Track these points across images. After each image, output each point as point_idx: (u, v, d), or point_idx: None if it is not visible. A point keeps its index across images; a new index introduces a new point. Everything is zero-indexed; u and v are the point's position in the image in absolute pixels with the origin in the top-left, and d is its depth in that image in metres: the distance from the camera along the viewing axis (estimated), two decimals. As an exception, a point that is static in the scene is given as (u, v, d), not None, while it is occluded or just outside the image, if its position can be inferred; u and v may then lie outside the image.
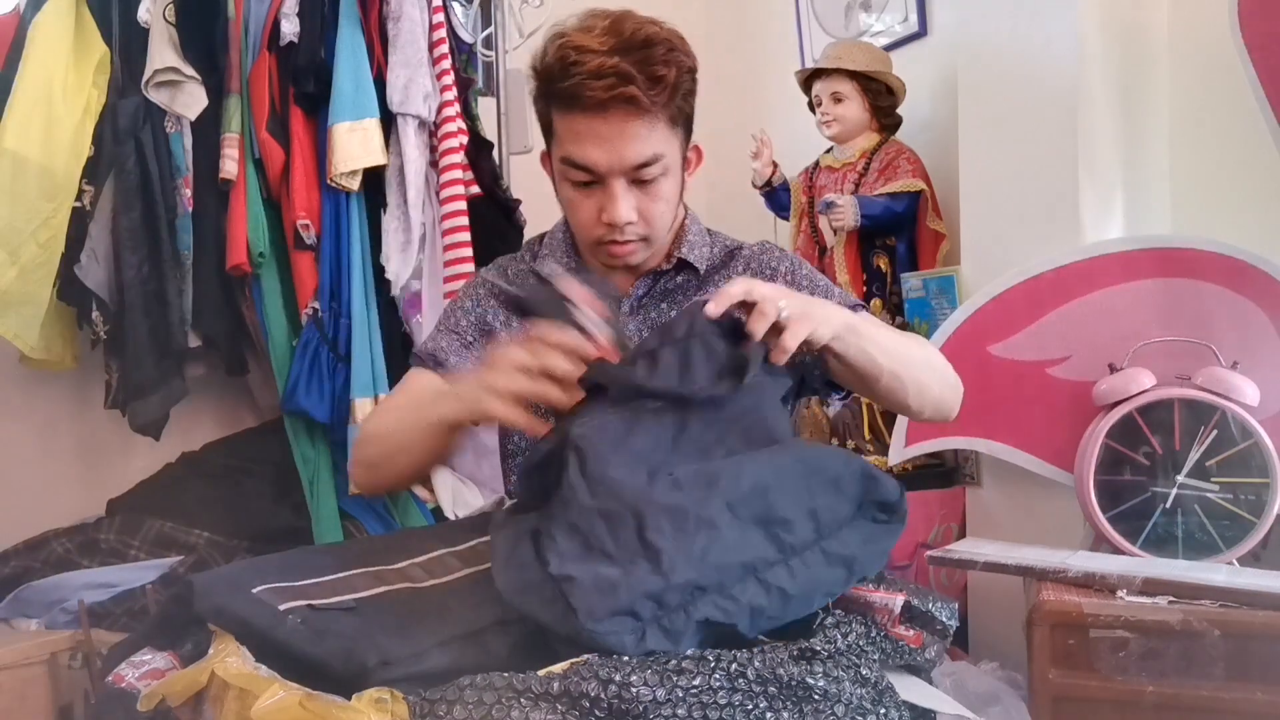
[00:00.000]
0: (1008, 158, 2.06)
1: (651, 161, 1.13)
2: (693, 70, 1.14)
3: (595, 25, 1.10)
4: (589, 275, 1.17)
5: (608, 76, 1.06)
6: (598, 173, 1.13)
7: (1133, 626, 1.41)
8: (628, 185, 1.14)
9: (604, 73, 1.06)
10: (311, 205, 2.13)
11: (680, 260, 1.26)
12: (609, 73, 1.06)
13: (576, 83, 1.08)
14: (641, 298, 1.27)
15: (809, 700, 0.75)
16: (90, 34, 2.09)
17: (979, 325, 1.96)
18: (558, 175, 1.19)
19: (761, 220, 2.71)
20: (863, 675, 0.79)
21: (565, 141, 1.14)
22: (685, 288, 1.28)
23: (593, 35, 1.09)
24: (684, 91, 1.13)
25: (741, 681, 0.74)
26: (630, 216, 1.15)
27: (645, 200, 1.16)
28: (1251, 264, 1.74)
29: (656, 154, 1.13)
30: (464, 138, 2.20)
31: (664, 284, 1.27)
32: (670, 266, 1.27)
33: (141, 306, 2.06)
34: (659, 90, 1.09)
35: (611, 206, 1.14)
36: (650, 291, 1.27)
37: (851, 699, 0.76)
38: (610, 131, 1.10)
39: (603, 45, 1.08)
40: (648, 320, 1.26)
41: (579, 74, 1.07)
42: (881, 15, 2.76)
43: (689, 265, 1.27)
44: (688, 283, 1.28)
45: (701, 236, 1.31)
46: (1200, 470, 1.63)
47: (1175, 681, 1.38)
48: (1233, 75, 1.74)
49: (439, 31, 2.19)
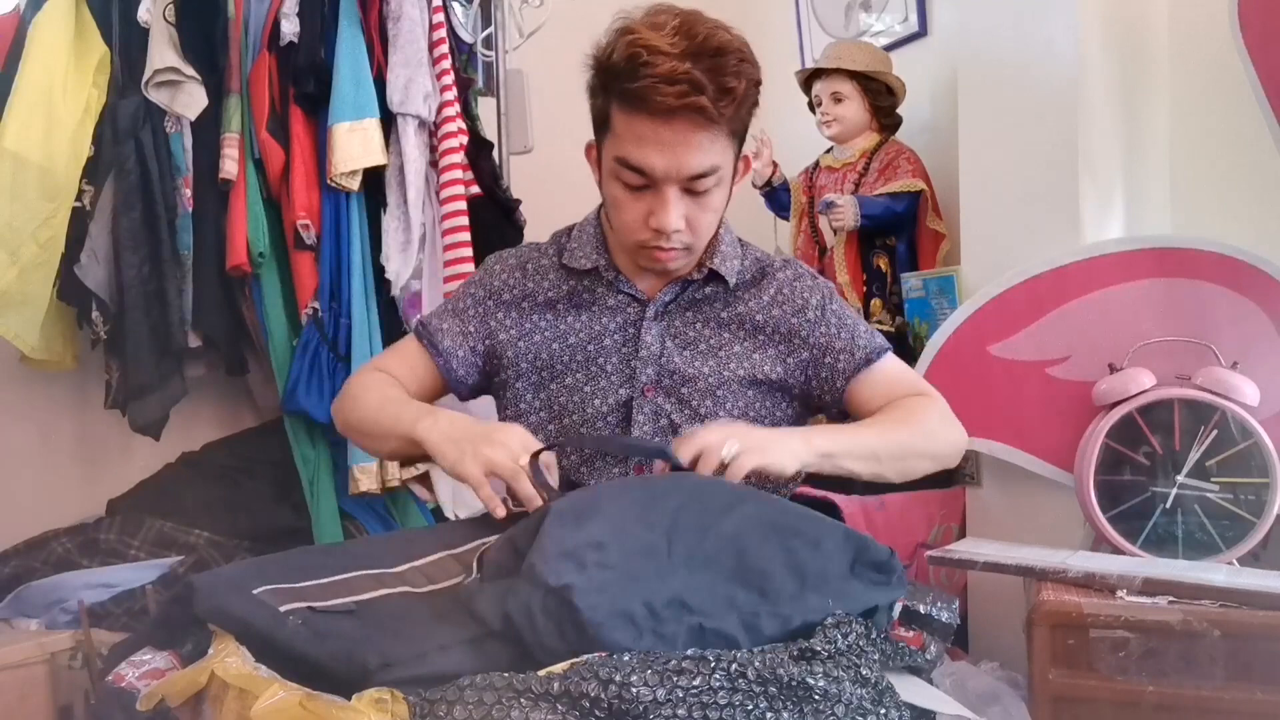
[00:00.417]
0: (1008, 158, 2.06)
1: (709, 173, 1.11)
2: (759, 83, 1.12)
3: (665, 23, 1.07)
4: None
5: (680, 83, 1.04)
6: (654, 178, 1.11)
7: (1133, 626, 1.40)
8: (680, 193, 1.12)
9: (677, 79, 1.04)
10: (311, 205, 2.13)
11: (711, 271, 1.24)
12: (682, 79, 1.03)
13: (647, 85, 1.05)
14: (668, 303, 1.25)
15: (809, 700, 0.75)
16: (90, 34, 2.08)
17: (979, 325, 1.96)
18: (608, 173, 1.17)
19: (762, 220, 2.71)
20: (863, 675, 0.79)
21: (625, 141, 1.11)
22: (712, 299, 1.26)
23: (663, 35, 1.05)
24: (750, 104, 1.12)
25: (742, 682, 0.74)
26: (679, 225, 1.14)
27: (695, 210, 1.14)
28: (1251, 264, 1.74)
29: (714, 165, 1.11)
30: (464, 138, 2.20)
31: (692, 293, 1.26)
32: (700, 277, 1.25)
33: (141, 306, 2.06)
34: (728, 102, 1.07)
35: (662, 213, 1.12)
36: (677, 299, 1.25)
37: (852, 699, 0.76)
38: (674, 139, 1.08)
39: (674, 48, 1.04)
40: (670, 327, 1.24)
41: (650, 76, 1.04)
42: (881, 15, 2.76)
43: (719, 277, 1.25)
44: (715, 294, 1.26)
45: (734, 248, 1.29)
46: (1200, 470, 1.63)
47: (1175, 681, 1.38)
48: (1233, 75, 1.74)
49: (439, 31, 2.19)
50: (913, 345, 2.23)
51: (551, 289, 1.27)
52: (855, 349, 1.25)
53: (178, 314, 2.09)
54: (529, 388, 1.26)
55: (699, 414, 1.21)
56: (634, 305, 1.25)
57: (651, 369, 1.21)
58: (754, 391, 1.23)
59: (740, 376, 1.22)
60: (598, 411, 1.21)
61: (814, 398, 1.28)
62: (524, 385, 1.26)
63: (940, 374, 1.99)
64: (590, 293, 1.26)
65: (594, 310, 1.25)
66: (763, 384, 1.24)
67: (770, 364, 1.24)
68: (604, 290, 1.26)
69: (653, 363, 1.22)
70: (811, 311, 1.25)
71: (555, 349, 1.24)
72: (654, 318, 1.24)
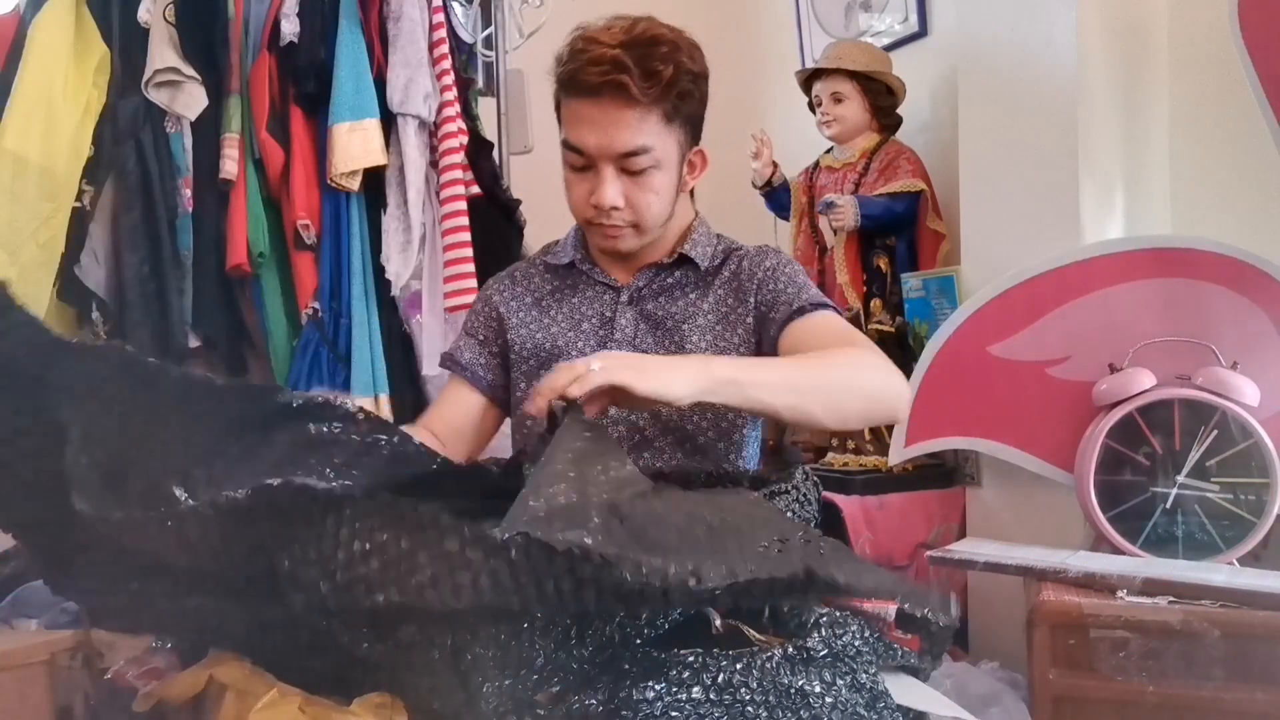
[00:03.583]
0: (1008, 158, 2.06)
1: (639, 152, 1.17)
2: (695, 74, 1.19)
3: (616, 25, 1.17)
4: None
5: (605, 64, 1.13)
6: (589, 155, 1.19)
7: (1133, 626, 1.41)
8: (617, 172, 1.19)
9: (603, 60, 1.13)
10: (311, 205, 2.13)
11: (681, 255, 1.30)
12: (607, 60, 1.13)
13: (576, 67, 1.15)
14: (641, 289, 1.31)
15: (807, 707, 0.75)
16: (90, 34, 2.09)
17: (979, 325, 1.96)
18: (562, 159, 1.24)
19: (761, 220, 2.71)
20: (859, 681, 0.79)
21: (566, 124, 1.21)
22: (684, 283, 1.31)
23: (609, 33, 1.16)
24: (681, 91, 1.17)
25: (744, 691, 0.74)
26: (616, 201, 1.20)
27: (634, 189, 1.20)
28: (1251, 264, 1.73)
29: (645, 145, 1.17)
30: (464, 138, 2.20)
31: (664, 278, 1.31)
32: (670, 261, 1.30)
33: (141, 306, 2.06)
34: (652, 84, 1.14)
35: (600, 190, 1.20)
36: (650, 284, 1.31)
37: (848, 705, 0.76)
38: (602, 117, 1.16)
39: (612, 40, 1.15)
40: (643, 311, 1.30)
41: (580, 60, 1.15)
42: (881, 15, 2.76)
43: (689, 261, 1.30)
44: (686, 279, 1.31)
45: (708, 239, 1.34)
46: (1200, 470, 1.63)
47: (1175, 681, 1.38)
48: (1233, 75, 1.74)
49: (439, 31, 2.19)
50: (913, 345, 2.22)
51: (536, 288, 1.36)
52: (795, 300, 1.24)
53: (178, 314, 2.09)
54: (522, 376, 1.34)
55: None
56: (610, 293, 1.32)
57: (625, 350, 1.27)
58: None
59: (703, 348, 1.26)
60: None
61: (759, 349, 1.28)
62: (518, 375, 1.34)
63: (940, 374, 1.99)
64: (571, 286, 1.34)
65: (574, 301, 1.33)
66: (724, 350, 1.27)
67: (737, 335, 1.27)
68: (583, 283, 1.34)
69: (626, 344, 1.28)
70: (762, 272, 1.29)
71: (540, 339, 1.32)
72: (628, 303, 1.30)
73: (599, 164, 1.19)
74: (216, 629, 0.79)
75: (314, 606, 0.65)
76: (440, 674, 0.72)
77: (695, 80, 1.19)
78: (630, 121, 1.16)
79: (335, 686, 0.73)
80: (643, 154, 1.18)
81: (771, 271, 1.29)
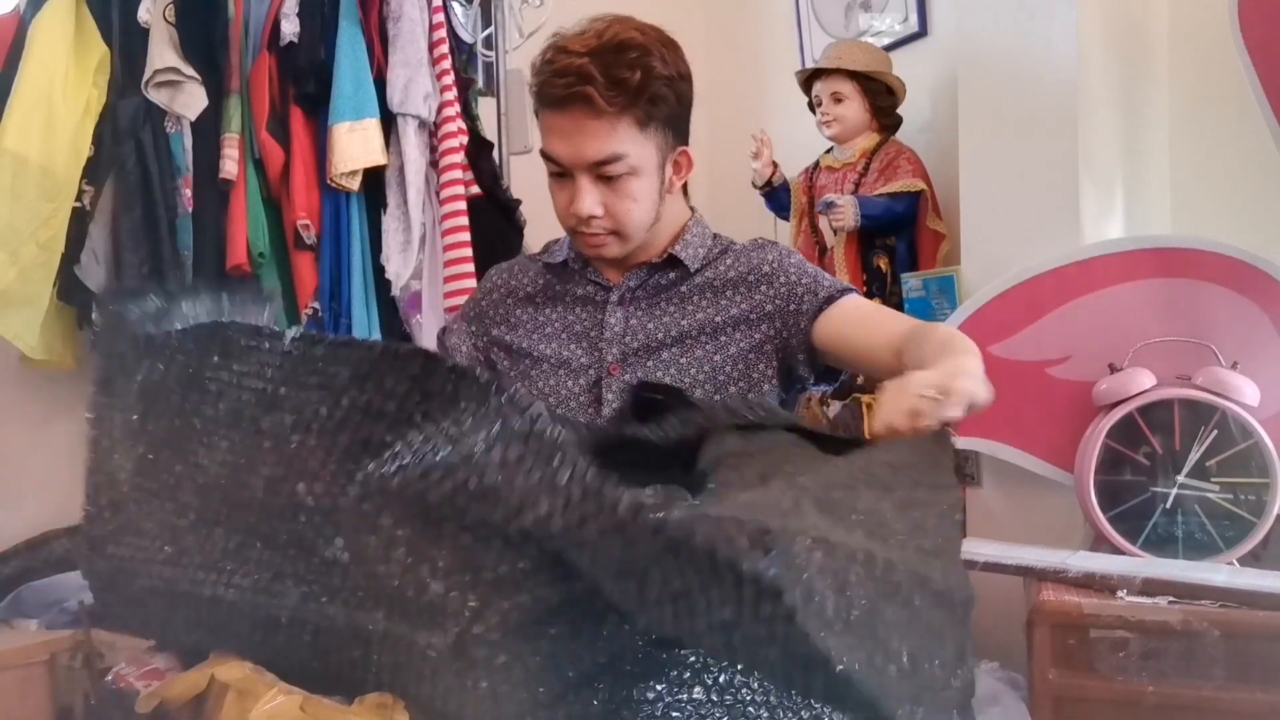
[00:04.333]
0: (1008, 158, 2.06)
1: (610, 160, 1.17)
2: (669, 77, 1.17)
3: (590, 30, 1.16)
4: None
5: (569, 75, 1.12)
6: (564, 166, 1.19)
7: (1133, 626, 1.41)
8: (593, 180, 1.19)
9: (568, 71, 1.13)
10: (311, 205, 2.13)
11: (671, 256, 1.29)
12: (572, 72, 1.12)
13: (545, 79, 1.15)
14: (634, 289, 1.30)
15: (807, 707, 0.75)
16: (90, 34, 2.09)
17: (979, 325, 1.96)
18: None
19: (761, 220, 2.71)
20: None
21: (541, 134, 1.21)
22: (676, 282, 1.30)
23: (580, 39, 1.15)
24: (653, 96, 1.16)
25: (745, 692, 0.74)
26: (594, 210, 1.19)
27: (612, 197, 1.20)
28: (1251, 264, 1.73)
29: (616, 153, 1.16)
30: (464, 138, 2.20)
31: (656, 279, 1.30)
32: (660, 261, 1.30)
33: (141, 307, 2.06)
34: (618, 92, 1.13)
35: (577, 199, 1.19)
36: (642, 285, 1.31)
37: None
38: (570, 127, 1.16)
39: (582, 48, 1.13)
40: (634, 310, 1.30)
41: (547, 72, 1.15)
42: (881, 15, 2.76)
43: (680, 262, 1.29)
44: (678, 278, 1.30)
45: (702, 239, 1.33)
46: (1200, 470, 1.63)
47: (1175, 681, 1.39)
48: (1233, 75, 1.74)
49: (439, 31, 2.19)
50: (913, 345, 2.23)
51: (530, 284, 1.36)
52: (817, 289, 1.26)
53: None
54: (517, 375, 1.34)
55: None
56: (601, 293, 1.32)
57: (616, 349, 1.27)
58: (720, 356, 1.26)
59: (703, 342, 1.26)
60: (570, 392, 1.28)
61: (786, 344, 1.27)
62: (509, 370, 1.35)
63: (940, 374, 1.99)
64: (563, 285, 1.34)
65: (566, 301, 1.33)
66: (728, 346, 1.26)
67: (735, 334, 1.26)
68: (575, 282, 1.34)
69: (616, 343, 1.27)
70: (768, 266, 1.28)
71: (534, 338, 1.32)
72: (618, 302, 1.30)
73: (574, 173, 1.19)
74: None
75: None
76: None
77: (670, 83, 1.17)
78: (599, 131, 1.15)
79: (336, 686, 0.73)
80: (615, 161, 1.17)
81: (777, 264, 1.29)
